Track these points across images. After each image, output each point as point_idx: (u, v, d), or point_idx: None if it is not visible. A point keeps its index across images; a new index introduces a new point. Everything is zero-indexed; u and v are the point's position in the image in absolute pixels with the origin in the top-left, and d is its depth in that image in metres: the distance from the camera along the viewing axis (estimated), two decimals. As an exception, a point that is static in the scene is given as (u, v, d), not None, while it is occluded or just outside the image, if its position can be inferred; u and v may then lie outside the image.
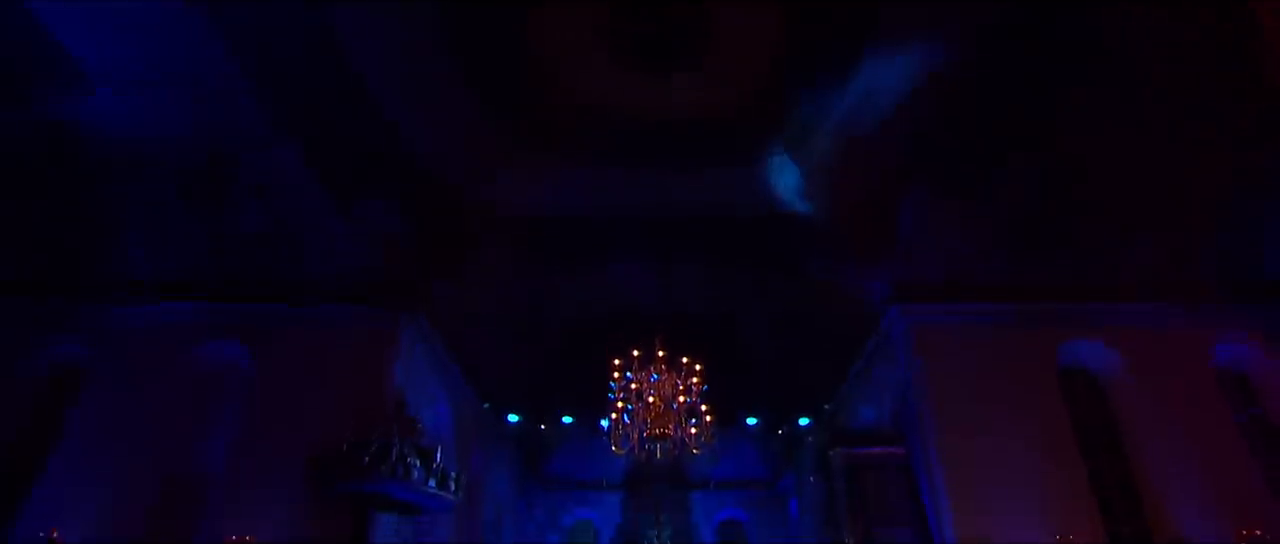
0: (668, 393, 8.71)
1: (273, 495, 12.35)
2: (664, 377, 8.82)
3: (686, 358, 9.16)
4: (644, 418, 8.65)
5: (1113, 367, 14.76)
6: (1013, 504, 12.57)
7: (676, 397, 8.74)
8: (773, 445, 20.92)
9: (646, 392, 8.74)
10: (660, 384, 8.76)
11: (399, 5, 10.06)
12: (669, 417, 8.61)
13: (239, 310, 14.39)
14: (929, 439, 13.35)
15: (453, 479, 11.91)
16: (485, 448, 18.22)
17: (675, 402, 8.73)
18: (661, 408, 8.60)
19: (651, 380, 8.77)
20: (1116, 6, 10.16)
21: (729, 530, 23.18)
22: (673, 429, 8.65)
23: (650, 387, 8.74)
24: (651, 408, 8.63)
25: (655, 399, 8.66)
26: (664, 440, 8.65)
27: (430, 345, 15.10)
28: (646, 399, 8.73)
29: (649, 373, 8.87)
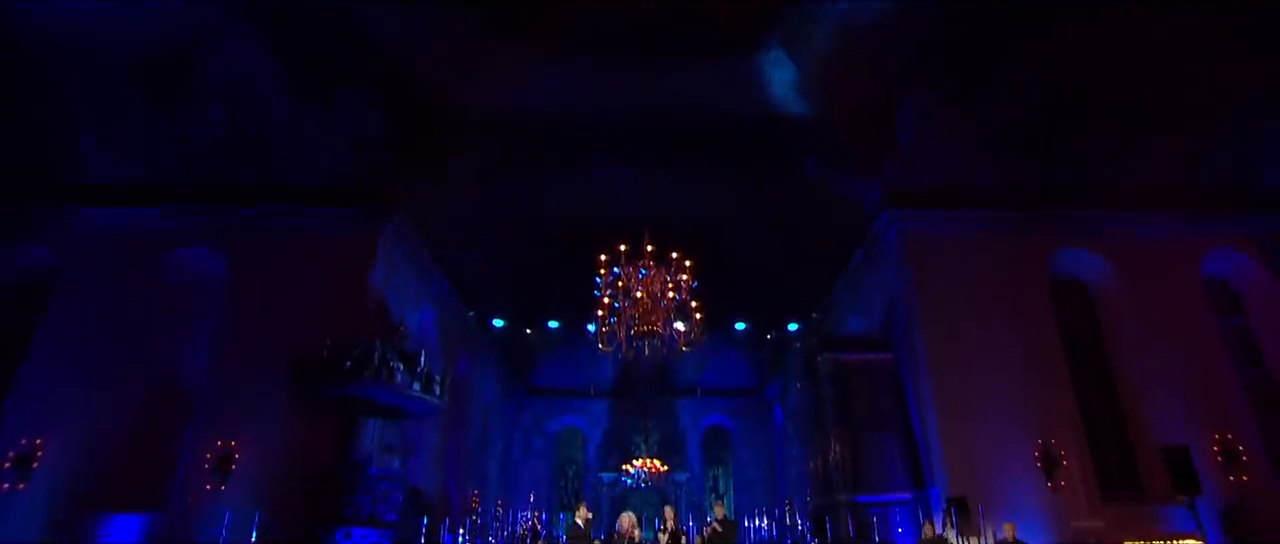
0: (656, 289, 8.33)
1: (256, 403, 12.19)
2: (652, 272, 8.42)
3: (676, 253, 8.72)
4: (632, 315, 8.30)
5: (1102, 275, 14.64)
6: (997, 409, 12.64)
7: (665, 293, 8.36)
8: (760, 353, 20.94)
9: (634, 287, 8.35)
10: (649, 280, 8.37)
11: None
12: (657, 314, 8.26)
13: (211, 216, 13.86)
14: (917, 345, 13.26)
15: (437, 383, 11.70)
16: (472, 355, 18.07)
17: (664, 298, 8.35)
18: (650, 305, 8.25)
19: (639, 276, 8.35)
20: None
21: (715, 436, 23.52)
22: (661, 327, 8.32)
23: (638, 282, 8.34)
24: (639, 304, 8.27)
25: (643, 295, 8.29)
26: (652, 338, 8.33)
27: (412, 250, 14.65)
28: (634, 295, 8.35)
29: (636, 268, 8.45)
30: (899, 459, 12.77)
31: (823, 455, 13.11)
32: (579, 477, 22.05)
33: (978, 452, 12.35)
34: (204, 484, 12.03)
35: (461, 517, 15.60)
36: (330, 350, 11.25)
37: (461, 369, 17.31)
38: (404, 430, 13.74)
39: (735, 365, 22.74)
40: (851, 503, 12.24)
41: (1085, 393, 13.69)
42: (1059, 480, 12.34)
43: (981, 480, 12.08)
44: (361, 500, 11.10)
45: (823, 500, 13.04)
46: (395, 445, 13.76)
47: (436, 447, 15.32)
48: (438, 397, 11.67)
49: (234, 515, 11.22)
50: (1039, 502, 12.10)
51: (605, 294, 8.66)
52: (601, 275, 8.62)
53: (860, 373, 13.20)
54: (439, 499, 15.12)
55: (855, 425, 12.74)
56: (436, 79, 12.48)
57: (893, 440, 12.86)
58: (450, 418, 16.31)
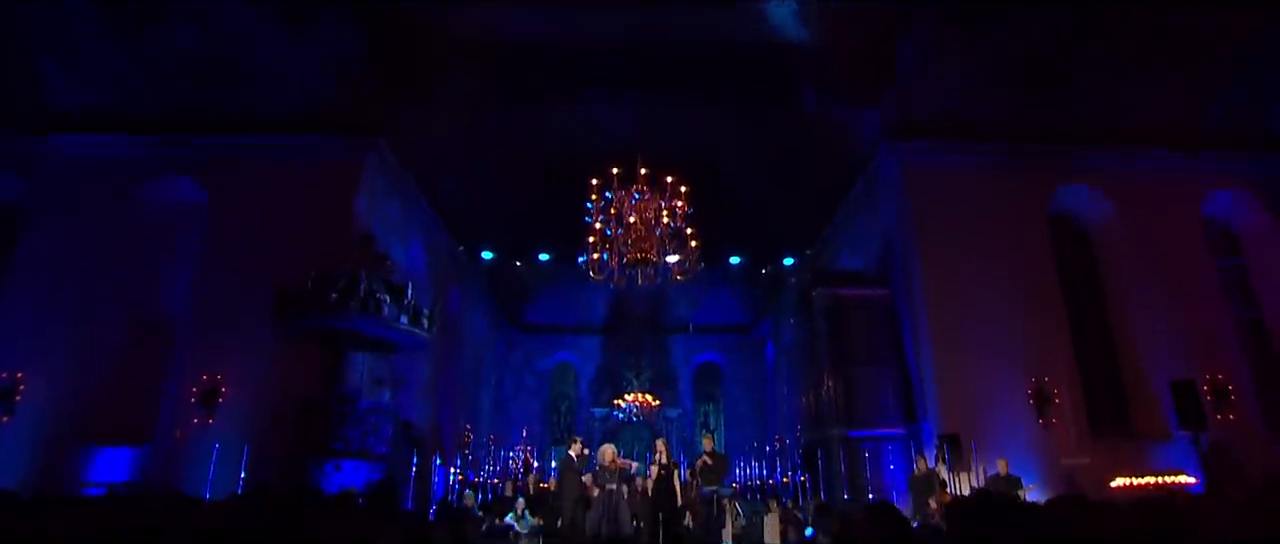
0: (650, 215, 7.93)
1: (241, 335, 11.93)
2: (646, 197, 8.00)
3: (671, 177, 8.28)
4: (624, 240, 7.93)
5: (1102, 213, 14.37)
6: (992, 345, 12.52)
7: (659, 220, 7.97)
8: (753, 290, 20.72)
9: (627, 212, 7.94)
10: (642, 205, 7.96)
11: None
12: (651, 241, 7.90)
13: (186, 146, 13.30)
14: (913, 280, 13.05)
15: (425, 316, 11.40)
16: (463, 289, 17.77)
17: (658, 225, 7.97)
18: (643, 231, 7.87)
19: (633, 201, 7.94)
20: None
21: (707, 373, 23.52)
22: (655, 254, 7.96)
23: (631, 208, 7.93)
24: (632, 230, 7.88)
25: (636, 221, 7.90)
26: (645, 266, 7.98)
27: (397, 181, 14.15)
28: (627, 221, 7.95)
29: (629, 193, 8.03)
30: (892, 394, 12.67)
31: (815, 390, 13.00)
32: (571, 412, 22.08)
33: (971, 388, 12.28)
34: (191, 417, 11.88)
35: (454, 451, 15.59)
36: (315, 281, 10.87)
37: (452, 304, 17.03)
38: (393, 364, 13.52)
39: (728, 303, 22.55)
40: (844, 438, 12.18)
41: (1079, 331, 13.56)
42: (1051, 418, 12.33)
43: (974, 416, 12.04)
44: (351, 433, 10.92)
45: (815, 435, 12.99)
46: (385, 379, 13.55)
47: (428, 381, 15.13)
48: (426, 330, 11.37)
49: (222, 448, 11.16)
50: (1030, 438, 12.09)
51: (597, 220, 8.26)
52: (593, 200, 8.18)
53: (855, 308, 12.99)
54: (431, 433, 15.03)
55: (849, 360, 12.59)
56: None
57: (886, 376, 12.75)
58: (441, 352, 16.10)
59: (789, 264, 15.75)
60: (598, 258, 8.33)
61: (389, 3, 11.93)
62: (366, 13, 12.06)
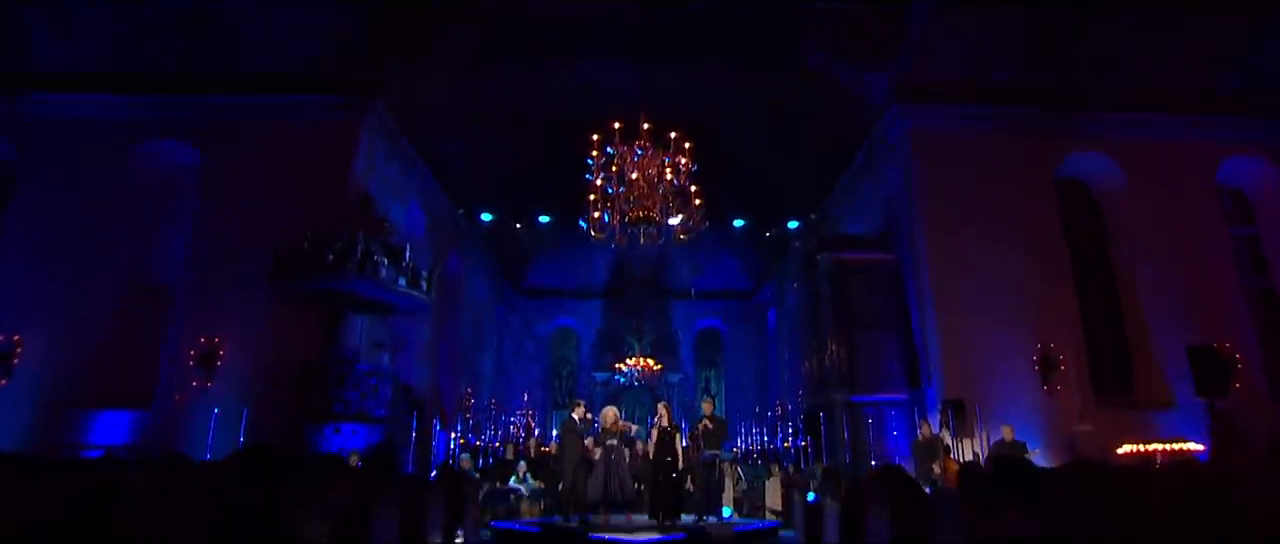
0: (653, 172, 7.66)
1: (238, 298, 11.79)
2: (649, 153, 7.71)
3: (675, 133, 7.98)
4: (626, 198, 7.67)
5: (1113, 179, 14.05)
6: (998, 311, 12.35)
7: (662, 176, 7.70)
8: (755, 256, 20.52)
9: (629, 169, 7.67)
10: (644, 161, 7.67)
11: None
12: (653, 198, 7.64)
13: (179, 106, 13.00)
14: (919, 244, 12.82)
15: (424, 278, 11.22)
16: (463, 253, 17.57)
17: (661, 182, 7.70)
18: (645, 188, 7.61)
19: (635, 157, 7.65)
20: None
21: (708, 339, 23.43)
22: (657, 212, 7.71)
23: (633, 164, 7.65)
24: (634, 187, 7.62)
25: (638, 177, 7.63)
26: (647, 225, 7.73)
27: (395, 142, 13.85)
28: (629, 177, 7.68)
29: (632, 149, 7.74)
30: (896, 359, 12.54)
31: (818, 355, 12.86)
32: (573, 376, 22.04)
33: (976, 353, 12.14)
34: (190, 381, 11.78)
35: (455, 415, 15.55)
36: (311, 243, 10.69)
37: (452, 267, 16.84)
38: (392, 327, 13.39)
39: (729, 268, 22.37)
40: (846, 402, 12.07)
41: (1085, 297, 13.37)
42: (1055, 384, 12.19)
43: (978, 382, 11.92)
44: (350, 395, 10.83)
45: (817, 400, 12.89)
46: (384, 342, 13.43)
47: (428, 344, 15.02)
48: (424, 292, 11.21)
49: (221, 412, 11.06)
50: (1034, 404, 11.97)
51: (598, 177, 7.99)
52: (594, 157, 7.90)
53: (859, 272, 12.79)
54: (432, 397, 14.96)
55: (852, 325, 12.43)
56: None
57: (890, 340, 12.60)
58: (441, 316, 15.96)
59: (793, 227, 15.49)
60: (598, 216, 8.08)
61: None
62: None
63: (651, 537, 7.77)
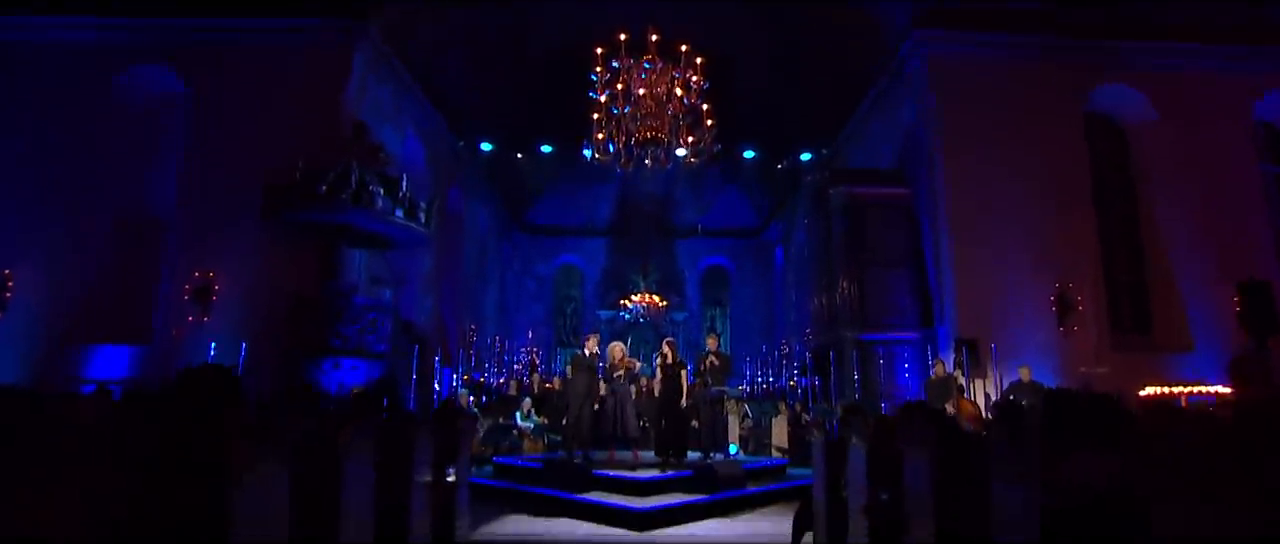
0: (661, 90, 7.06)
1: (232, 231, 11.43)
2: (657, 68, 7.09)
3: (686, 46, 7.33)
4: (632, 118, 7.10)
5: (1142, 113, 13.35)
6: (1016, 249, 11.90)
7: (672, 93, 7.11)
8: (764, 191, 19.92)
9: (636, 86, 7.07)
10: (652, 78, 7.06)
11: None
12: (662, 117, 7.07)
13: (163, 31, 12.27)
14: (936, 179, 12.27)
15: (422, 210, 10.75)
16: (465, 188, 17.03)
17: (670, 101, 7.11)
18: (653, 107, 7.03)
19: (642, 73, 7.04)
20: None
21: (714, 277, 23.03)
22: (666, 132, 7.14)
23: (640, 80, 7.05)
24: (642, 104, 7.04)
25: (646, 94, 7.04)
26: (655, 146, 7.18)
27: (390, 68, 13.17)
28: (635, 95, 7.09)
29: (639, 64, 7.12)
30: (908, 297, 12.13)
31: (829, 292, 12.45)
32: (577, 314, 21.74)
33: (991, 292, 11.74)
34: (186, 315, 11.53)
35: (458, 352, 15.29)
36: (303, 174, 10.19)
37: (453, 202, 16.35)
38: (392, 262, 13.01)
39: (737, 205, 21.80)
40: (857, 340, 11.72)
41: (1107, 236, 12.85)
42: (1072, 325, 11.82)
43: (992, 321, 11.57)
44: (348, 330, 10.48)
45: (827, 338, 12.54)
46: (384, 277, 13.07)
47: (429, 281, 14.64)
48: (422, 224, 10.75)
49: (219, 347, 10.86)
50: (1049, 345, 11.62)
51: (602, 93, 7.38)
52: (598, 73, 7.28)
53: (873, 207, 12.27)
54: (435, 333, 14.66)
55: (865, 261, 11.98)
56: None
57: (903, 278, 12.16)
58: (443, 252, 15.55)
59: (806, 159, 14.84)
60: (602, 139, 7.50)
61: None
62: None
63: (657, 474, 7.51)
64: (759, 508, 7.48)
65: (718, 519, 6.91)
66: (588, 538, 6.19)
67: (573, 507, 6.98)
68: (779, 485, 8.20)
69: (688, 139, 7.41)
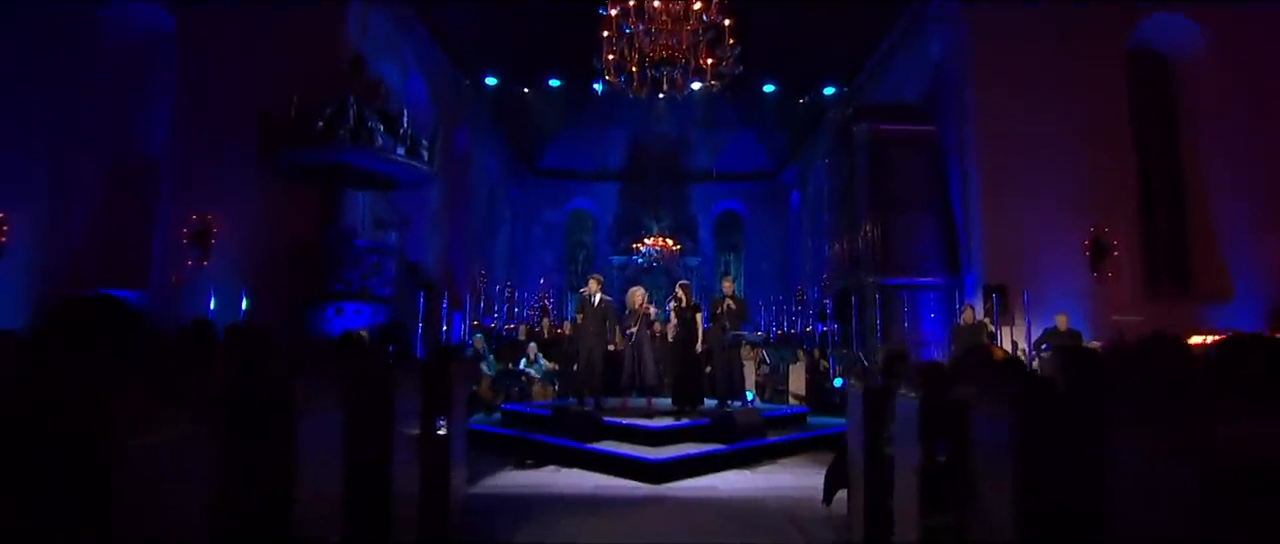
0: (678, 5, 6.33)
1: (228, 175, 10.92)
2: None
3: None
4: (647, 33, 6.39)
5: (1194, 48, 12.37)
6: (1049, 190, 11.21)
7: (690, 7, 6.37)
8: (778, 135, 19.08)
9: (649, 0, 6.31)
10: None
11: None
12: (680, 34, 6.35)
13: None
14: (966, 116, 11.50)
15: (424, 147, 10.12)
16: (473, 130, 16.34)
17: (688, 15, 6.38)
18: (669, 24, 6.32)
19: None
20: None
21: (728, 222, 22.35)
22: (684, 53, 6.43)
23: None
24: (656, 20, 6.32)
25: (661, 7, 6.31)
26: (671, 67, 6.49)
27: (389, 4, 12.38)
28: (650, 6, 6.36)
29: (653, -25, 6.36)
30: (934, 241, 11.49)
31: (850, 235, 11.81)
32: (589, 260, 21.18)
33: (1022, 235, 11.08)
34: (185, 260, 11.12)
35: (467, 297, 14.85)
36: (298, 110, 9.56)
37: (460, 143, 15.69)
38: (396, 203, 12.47)
39: (751, 148, 20.99)
40: (879, 285, 11.13)
41: (1147, 179, 12.06)
42: (1106, 271, 11.18)
43: (1022, 267, 10.97)
44: (350, 274, 9.99)
45: (848, 282, 11.95)
46: (389, 219, 12.56)
47: (437, 224, 14.11)
48: (426, 163, 10.14)
49: (220, 293, 10.48)
50: (1082, 292, 11.01)
51: (613, 8, 6.65)
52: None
53: (899, 145, 11.53)
54: (444, 279, 14.20)
55: (889, 203, 11.31)
56: None
57: (929, 220, 11.50)
58: (451, 195, 15.00)
59: (829, 94, 13.97)
60: (613, 60, 6.80)
61: None
62: None
63: (672, 422, 7.06)
64: (779, 459, 7.04)
65: (736, 471, 6.46)
66: (597, 490, 5.76)
67: (583, 456, 6.56)
68: (800, 435, 7.76)
69: (707, 61, 6.68)
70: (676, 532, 4.62)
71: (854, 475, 4.14)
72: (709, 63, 6.76)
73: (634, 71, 6.63)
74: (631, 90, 6.82)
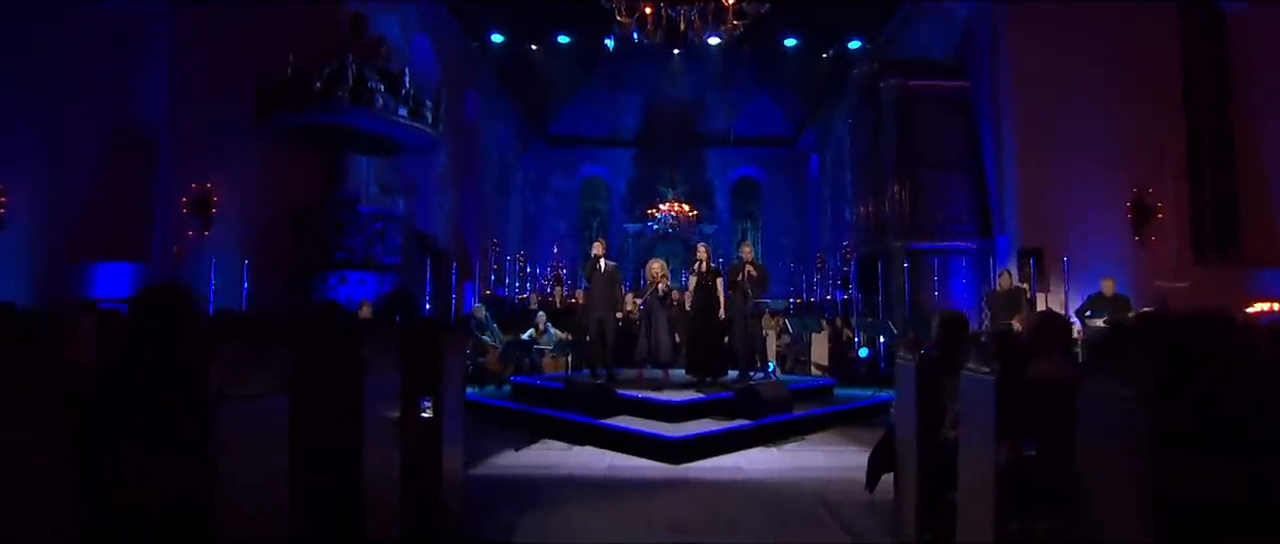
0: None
1: (228, 141, 10.56)
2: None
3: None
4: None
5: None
6: (1089, 148, 10.42)
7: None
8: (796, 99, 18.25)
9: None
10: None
11: None
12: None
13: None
14: (1000, 68, 10.73)
15: (428, 109, 9.53)
16: (482, 95, 15.69)
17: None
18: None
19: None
20: None
21: (744, 189, 21.61)
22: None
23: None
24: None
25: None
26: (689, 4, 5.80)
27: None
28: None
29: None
30: (965, 203, 10.80)
31: (875, 198, 11.14)
32: (603, 228, 20.53)
33: (1060, 197, 10.36)
34: (186, 230, 10.77)
35: (478, 266, 14.36)
36: (295, 71, 9.00)
37: (469, 109, 15.07)
38: (403, 170, 11.92)
39: (768, 113, 20.18)
40: (906, 250, 10.47)
41: (1194, 139, 11.20)
42: (1149, 235, 10.44)
43: (1059, 230, 10.26)
44: (353, 241, 9.52)
45: (873, 247, 11.29)
46: (396, 186, 12.02)
47: (445, 189, 13.54)
48: (429, 124, 9.55)
49: (222, 262, 10.10)
50: (1122, 256, 10.27)
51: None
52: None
53: (928, 102, 10.79)
54: (455, 247, 13.69)
55: (917, 163, 10.60)
56: None
57: (960, 181, 10.79)
58: (461, 162, 14.44)
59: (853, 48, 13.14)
60: (624, 0, 6.12)
61: None
62: None
63: (693, 396, 6.52)
64: (807, 435, 6.49)
65: (762, 448, 5.92)
66: (611, 472, 5.24)
67: (596, 433, 6.04)
68: (827, 409, 7.20)
69: (716, 39, 5.98)
70: (699, 520, 4.10)
71: (903, 461, 3.57)
72: (730, 2, 6.06)
73: (648, 11, 5.95)
74: (645, 35, 6.13)
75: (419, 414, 3.24)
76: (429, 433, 3.33)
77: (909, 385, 3.41)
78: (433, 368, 3.35)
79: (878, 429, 6.93)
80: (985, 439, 2.58)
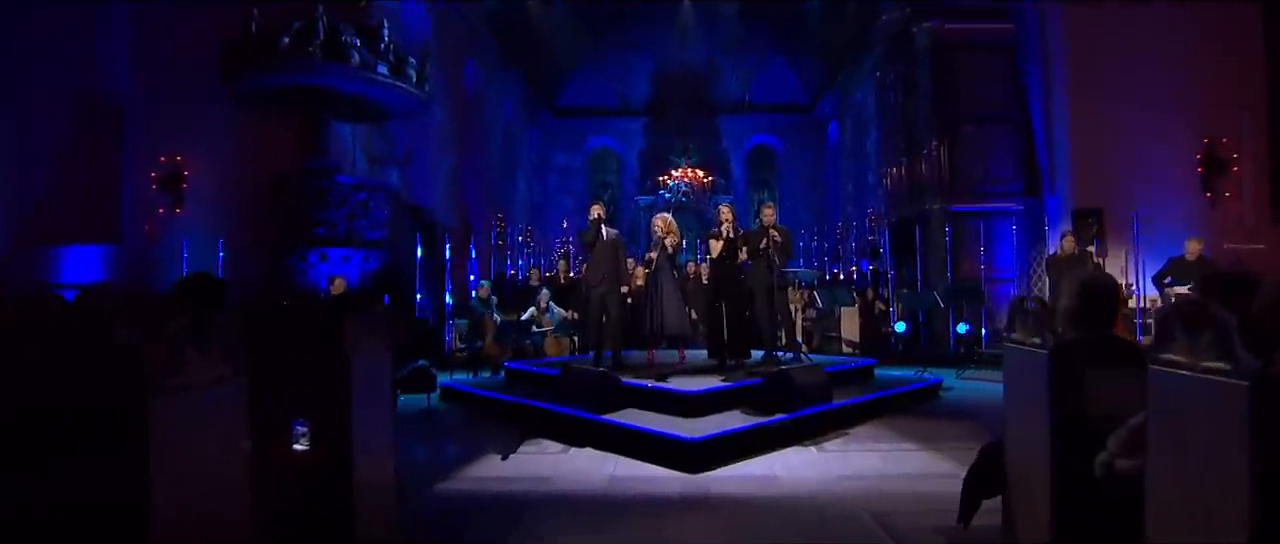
0: None
1: (197, 110, 9.51)
2: None
3: None
4: None
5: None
6: (1153, 97, 9.11)
7: None
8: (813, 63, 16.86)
9: None
10: None
11: None
12: None
13: None
14: (1049, 8, 9.33)
15: (412, 67, 8.40)
16: (484, 67, 14.49)
17: None
18: None
19: None
20: None
21: (760, 157, 20.28)
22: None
23: None
24: None
25: None
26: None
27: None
28: None
29: None
30: (1010, 159, 9.56)
31: (909, 158, 9.89)
32: (614, 202, 19.35)
33: (1118, 150, 9.09)
34: (157, 208, 9.76)
35: (481, 243, 13.30)
36: (259, 25, 7.91)
37: (470, 78, 13.89)
38: (394, 136, 10.81)
39: (784, 78, 18.80)
40: (947, 213, 9.24)
41: (1276, 80, 9.81)
42: (1222, 191, 9.15)
43: (1118, 187, 9.00)
44: (334, 215, 8.46)
45: (907, 212, 10.07)
46: (387, 156, 10.91)
47: (440, 158, 12.40)
48: (414, 83, 8.43)
49: (195, 242, 9.14)
50: (1191, 215, 8.99)
51: None
52: None
53: (967, 48, 9.52)
54: (458, 224, 12.61)
55: (956, 117, 9.38)
56: None
57: (1004, 136, 9.54)
58: (464, 136, 13.32)
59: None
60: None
61: None
62: None
63: (714, 384, 5.41)
64: (849, 428, 5.35)
65: (798, 448, 4.80)
66: (612, 485, 4.12)
67: (597, 431, 4.95)
68: (870, 396, 6.03)
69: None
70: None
71: (1015, 492, 2.44)
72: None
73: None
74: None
75: (291, 439, 2.15)
76: (327, 458, 2.24)
77: (1036, 384, 2.26)
78: (341, 368, 2.25)
79: (930, 420, 5.81)
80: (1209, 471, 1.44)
